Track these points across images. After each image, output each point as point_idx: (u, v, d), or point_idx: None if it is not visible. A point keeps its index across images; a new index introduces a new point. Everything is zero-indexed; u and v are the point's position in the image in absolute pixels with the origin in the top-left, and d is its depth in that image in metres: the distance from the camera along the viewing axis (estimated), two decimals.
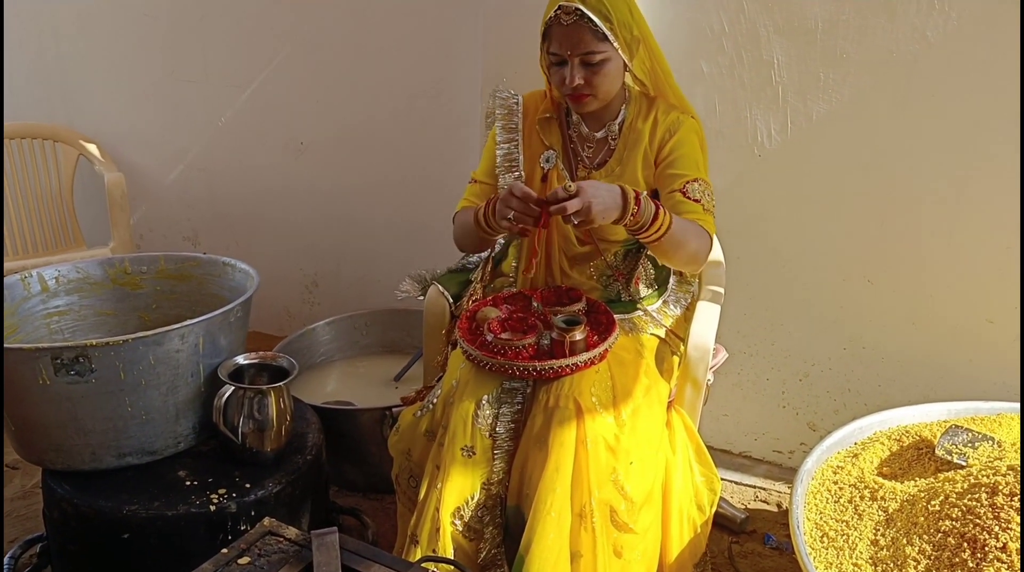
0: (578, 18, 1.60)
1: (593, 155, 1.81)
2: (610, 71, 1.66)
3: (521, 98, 1.87)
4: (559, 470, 1.51)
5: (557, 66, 1.67)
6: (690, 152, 1.73)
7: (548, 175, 1.81)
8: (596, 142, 1.80)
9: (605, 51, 1.63)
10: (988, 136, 1.94)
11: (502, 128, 1.84)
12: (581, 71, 1.64)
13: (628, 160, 1.77)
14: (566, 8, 1.60)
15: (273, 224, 3.03)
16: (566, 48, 1.63)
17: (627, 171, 1.77)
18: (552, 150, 1.81)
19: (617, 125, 1.78)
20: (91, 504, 1.62)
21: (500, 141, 1.84)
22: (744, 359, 2.36)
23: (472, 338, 1.67)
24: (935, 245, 2.07)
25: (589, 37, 1.61)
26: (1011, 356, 2.04)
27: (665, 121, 1.75)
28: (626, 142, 1.78)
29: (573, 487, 1.53)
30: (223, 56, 2.89)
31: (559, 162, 1.81)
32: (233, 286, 1.99)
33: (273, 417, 1.74)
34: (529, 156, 1.83)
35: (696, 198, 1.68)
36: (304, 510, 1.80)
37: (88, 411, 1.62)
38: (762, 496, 2.30)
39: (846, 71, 2.02)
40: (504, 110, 1.85)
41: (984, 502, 1.37)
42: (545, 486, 1.50)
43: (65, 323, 1.97)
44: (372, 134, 2.74)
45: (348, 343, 2.71)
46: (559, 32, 1.63)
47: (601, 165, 1.80)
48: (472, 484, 1.57)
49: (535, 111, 1.84)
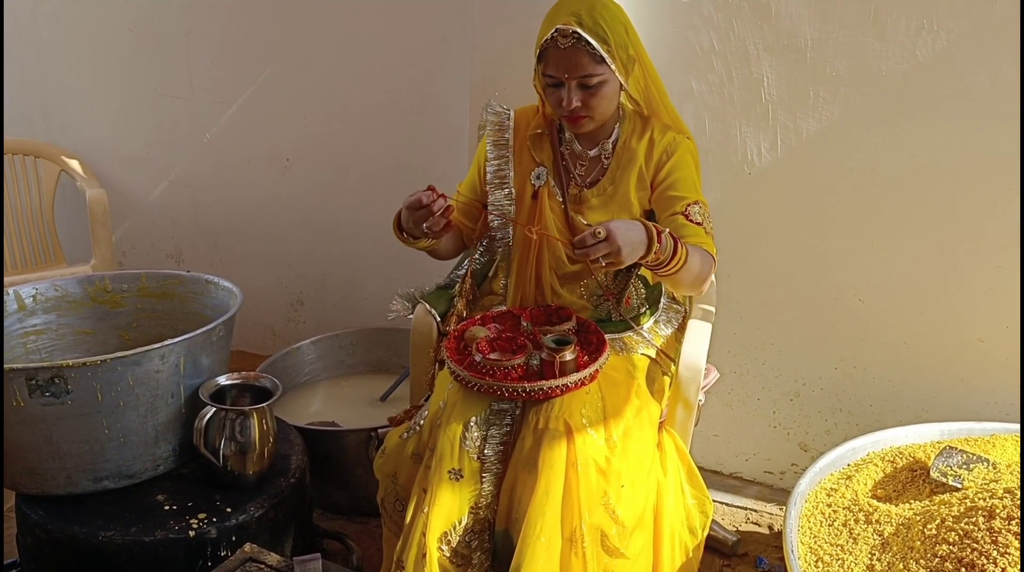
0: (575, 41, 1.58)
1: (585, 173, 1.79)
2: (607, 93, 1.65)
3: (513, 113, 1.84)
4: (549, 493, 1.47)
5: (553, 87, 1.65)
6: (689, 174, 1.72)
7: (539, 192, 1.79)
8: (589, 160, 1.78)
9: (602, 74, 1.62)
10: (979, 154, 1.94)
11: (493, 143, 1.82)
12: (578, 93, 1.63)
13: (621, 180, 1.75)
14: (563, 31, 1.58)
15: (258, 241, 2.99)
16: (563, 71, 1.61)
17: (619, 191, 1.75)
18: (543, 167, 1.79)
19: (611, 144, 1.76)
20: (66, 530, 1.57)
21: (490, 157, 1.82)
22: (734, 378, 2.34)
23: (460, 358, 1.64)
24: (926, 264, 2.06)
25: (587, 60, 1.59)
26: (1003, 375, 2.03)
27: (662, 141, 1.74)
28: (619, 161, 1.76)
29: (563, 511, 1.49)
30: (208, 72, 2.86)
31: (550, 179, 1.79)
32: (216, 304, 1.95)
33: (255, 439, 1.70)
34: (519, 172, 1.81)
35: (698, 221, 1.67)
36: (287, 535, 1.76)
37: (64, 433, 1.57)
38: (753, 518, 2.27)
39: (836, 89, 2.01)
40: (495, 125, 1.83)
41: (981, 526, 1.35)
42: (535, 510, 1.47)
43: (42, 342, 1.93)
44: (359, 151, 2.71)
45: (333, 362, 2.67)
46: (556, 55, 1.61)
47: (593, 183, 1.78)
48: (459, 508, 1.54)
49: (527, 127, 1.82)
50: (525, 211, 1.81)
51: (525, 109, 1.85)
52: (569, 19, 1.58)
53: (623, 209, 1.75)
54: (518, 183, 1.81)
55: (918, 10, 1.89)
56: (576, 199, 1.78)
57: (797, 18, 1.99)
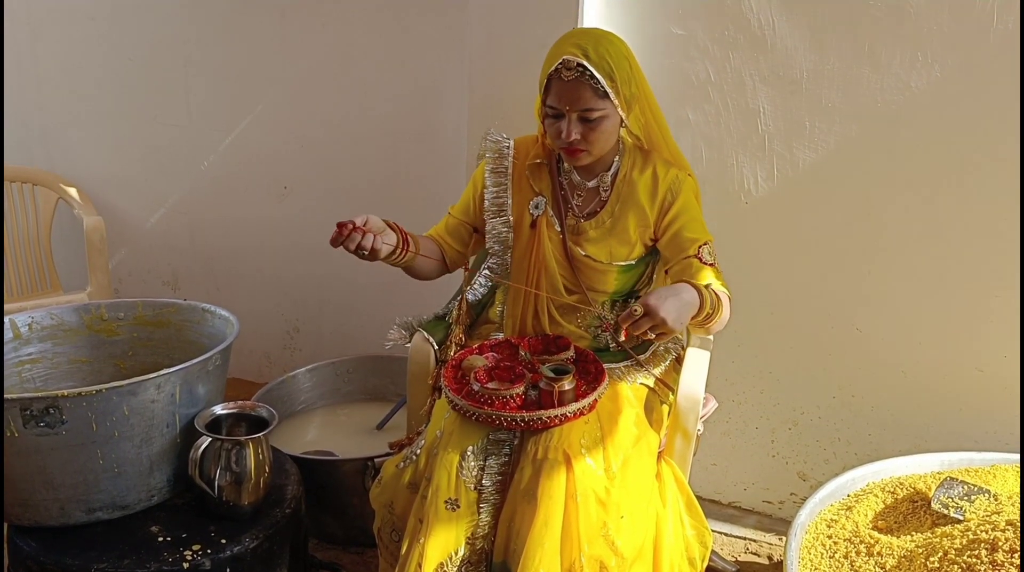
0: (579, 74, 1.58)
1: (583, 204, 1.79)
2: (607, 128, 1.65)
3: (513, 142, 1.85)
4: (548, 525, 1.46)
5: (553, 118, 1.65)
6: (696, 214, 1.75)
7: (537, 221, 1.79)
8: (587, 191, 1.79)
9: (604, 108, 1.62)
10: (974, 185, 1.95)
11: (492, 171, 1.83)
12: (578, 127, 1.63)
13: (621, 214, 1.76)
14: (568, 63, 1.59)
15: (255, 269, 2.99)
16: (565, 103, 1.61)
17: (618, 225, 1.75)
18: (542, 197, 1.80)
19: (610, 176, 1.77)
20: (58, 562, 1.55)
21: (489, 185, 1.83)
22: (732, 407, 2.33)
23: (458, 387, 1.63)
24: (923, 293, 2.06)
25: (589, 94, 1.60)
26: (1001, 405, 2.03)
27: (666, 179, 1.75)
28: (619, 195, 1.76)
29: (562, 542, 1.48)
30: (206, 100, 2.87)
31: (548, 209, 1.79)
32: (212, 333, 1.94)
33: (251, 469, 1.68)
34: (518, 201, 1.81)
35: (711, 262, 1.70)
36: (282, 566, 1.73)
37: (57, 464, 1.55)
38: (752, 548, 2.25)
39: (832, 120, 2.03)
40: (494, 153, 1.84)
41: (984, 559, 1.33)
42: (533, 541, 1.46)
43: (37, 371, 1.91)
44: (356, 178, 2.72)
45: (329, 390, 2.65)
46: (559, 87, 1.61)
47: (591, 215, 1.78)
48: (456, 539, 1.52)
49: (526, 156, 1.83)
50: (523, 240, 1.81)
51: (525, 139, 1.86)
52: (575, 51, 1.58)
53: (621, 243, 1.76)
54: (516, 212, 1.81)
55: (912, 43, 1.92)
56: (574, 230, 1.78)
57: (793, 50, 2.01)
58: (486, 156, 1.85)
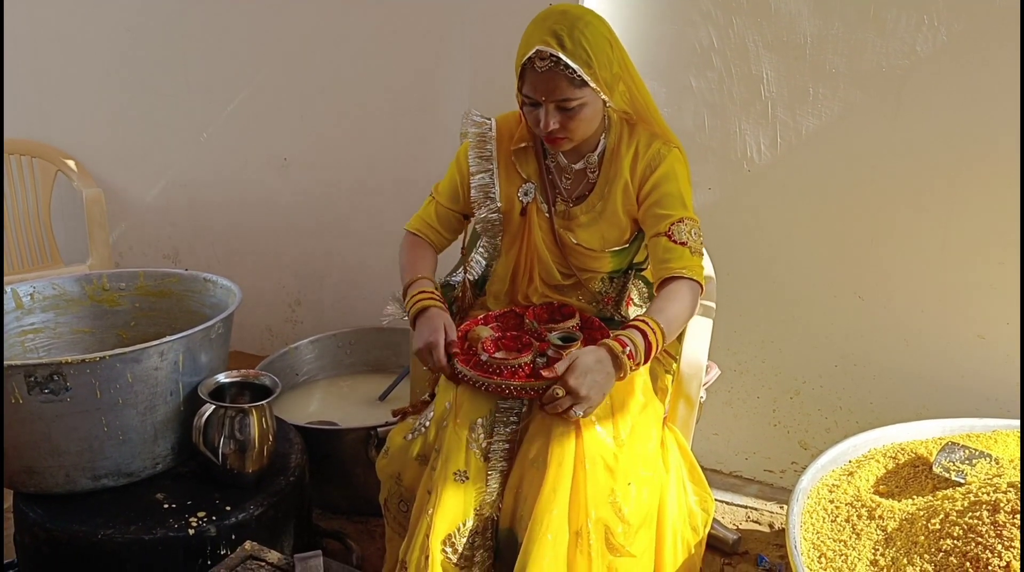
0: (554, 64, 1.50)
1: (572, 187, 1.73)
2: (587, 115, 1.57)
3: (494, 122, 1.76)
4: (556, 491, 1.46)
5: (531, 107, 1.58)
6: (675, 189, 1.64)
7: (527, 208, 1.74)
8: (574, 174, 1.72)
9: (582, 97, 1.54)
10: (979, 151, 1.94)
11: (476, 157, 1.75)
12: (557, 115, 1.56)
13: (609, 195, 1.70)
14: (541, 54, 1.50)
15: (255, 242, 2.98)
16: (540, 94, 1.54)
17: (608, 208, 1.70)
18: (530, 183, 1.74)
19: (596, 155, 1.70)
20: (65, 529, 1.56)
21: (473, 170, 1.75)
22: (734, 377, 2.34)
23: (466, 359, 1.62)
24: (926, 260, 2.05)
25: (565, 84, 1.52)
26: (1003, 372, 2.03)
27: (646, 154, 1.67)
28: (607, 175, 1.70)
29: (570, 508, 1.48)
30: (205, 72, 2.85)
31: (537, 195, 1.74)
32: (214, 303, 1.94)
33: (255, 437, 1.69)
34: (506, 188, 1.74)
35: (682, 241, 1.61)
36: (286, 533, 1.75)
37: (62, 431, 1.56)
38: (754, 516, 2.26)
39: (836, 86, 2.01)
40: (476, 137, 1.76)
41: (986, 520, 1.34)
42: (542, 507, 1.46)
43: (40, 341, 1.92)
44: (356, 150, 2.70)
45: (331, 362, 2.66)
46: (533, 77, 1.53)
47: (580, 198, 1.73)
48: (465, 510, 1.52)
49: (509, 137, 1.75)
50: (514, 227, 1.76)
51: (507, 117, 1.78)
52: (549, 40, 1.50)
53: (612, 226, 1.71)
54: (505, 199, 1.75)
55: (918, 6, 1.89)
56: (565, 215, 1.73)
57: (796, 14, 1.99)
58: (469, 139, 1.77)
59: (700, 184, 2.21)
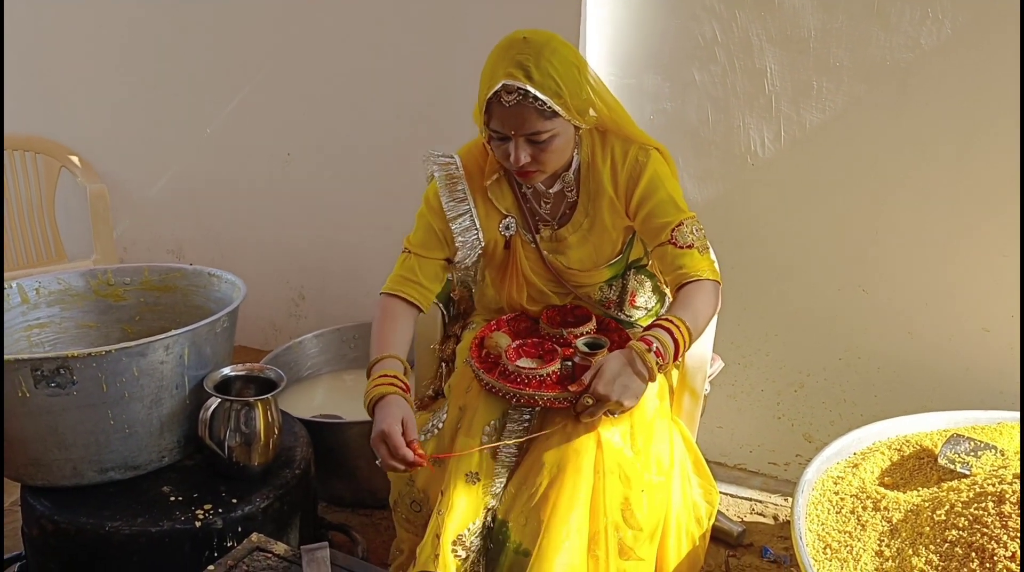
0: (522, 98, 1.43)
1: (552, 211, 1.68)
2: (558, 146, 1.51)
3: (459, 161, 1.67)
4: (574, 499, 1.47)
5: (500, 141, 1.51)
6: (664, 194, 1.59)
7: (511, 242, 1.69)
8: (553, 196, 1.66)
9: (553, 128, 1.48)
10: (983, 144, 1.94)
11: (451, 199, 1.65)
12: (527, 148, 1.49)
13: (595, 211, 1.65)
14: (508, 88, 1.43)
15: (259, 236, 2.98)
16: (509, 128, 1.47)
17: (596, 223, 1.66)
18: (511, 217, 1.67)
19: (572, 174, 1.63)
20: (72, 521, 1.57)
21: (451, 215, 1.65)
22: (738, 370, 2.34)
23: (489, 368, 1.61)
24: (930, 253, 2.06)
25: (534, 117, 1.45)
26: (1007, 365, 2.03)
27: (625, 165, 1.61)
28: (588, 191, 1.64)
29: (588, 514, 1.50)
30: (208, 65, 2.85)
31: (519, 227, 1.69)
32: (219, 297, 1.94)
33: (260, 430, 1.69)
34: (486, 226, 1.67)
35: (688, 243, 1.57)
36: (292, 526, 1.75)
37: (69, 424, 1.57)
38: (758, 509, 2.27)
39: (839, 80, 2.01)
40: (446, 179, 1.66)
41: (991, 511, 1.34)
42: (560, 515, 1.46)
43: (46, 336, 1.92)
44: (360, 144, 2.70)
45: (336, 356, 2.66)
46: (501, 112, 1.46)
47: (564, 220, 1.68)
48: (475, 511, 1.53)
49: (480, 172, 1.66)
50: (498, 261, 1.72)
51: (470, 152, 1.70)
52: (515, 72, 1.43)
53: (604, 241, 1.67)
54: (487, 238, 1.68)
55: None
56: (552, 239, 1.69)
57: (800, 8, 1.99)
58: (439, 183, 1.66)
59: (703, 178, 2.22)
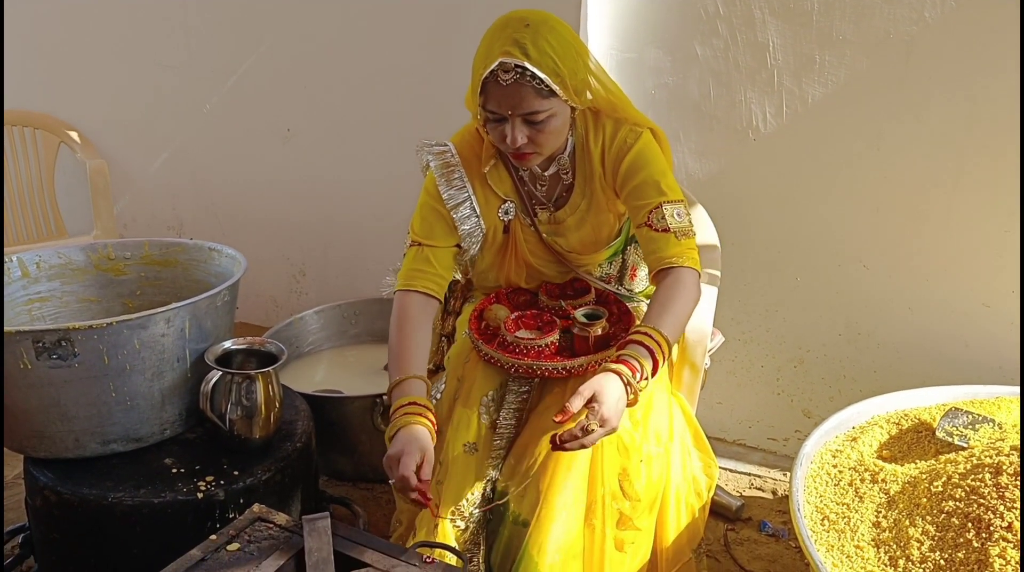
0: (519, 76, 1.41)
1: (549, 193, 1.66)
2: (555, 127, 1.49)
3: (454, 149, 1.64)
4: (572, 469, 1.48)
5: (495, 122, 1.48)
6: (646, 175, 1.55)
7: (510, 226, 1.67)
8: (549, 178, 1.65)
9: (550, 108, 1.45)
10: (986, 118, 1.93)
11: (449, 188, 1.62)
12: (524, 129, 1.46)
13: (591, 193, 1.64)
14: (505, 66, 1.41)
15: (259, 213, 2.98)
16: (506, 108, 1.45)
17: (592, 204, 1.65)
18: (510, 202, 1.65)
19: (567, 155, 1.61)
20: (75, 492, 1.58)
21: (452, 204, 1.62)
22: (738, 346, 2.34)
23: (488, 339, 1.61)
24: (931, 229, 2.05)
25: (532, 96, 1.43)
26: (1008, 340, 2.03)
27: (613, 145, 1.58)
28: (583, 173, 1.63)
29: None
30: (207, 41, 2.83)
31: (518, 211, 1.67)
32: (219, 272, 1.94)
33: (261, 403, 1.70)
34: (486, 213, 1.64)
35: (663, 227, 1.52)
36: (294, 498, 1.76)
37: (71, 396, 1.57)
38: (757, 483, 2.28)
39: (842, 53, 2.00)
40: (443, 168, 1.63)
41: (988, 482, 1.35)
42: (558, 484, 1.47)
43: (47, 310, 1.93)
44: (360, 120, 2.69)
45: (336, 332, 2.67)
46: (498, 92, 1.43)
47: (561, 202, 1.66)
48: (472, 481, 1.54)
49: (477, 159, 1.64)
50: (497, 245, 1.70)
51: (464, 139, 1.67)
52: (512, 50, 1.40)
53: (602, 223, 1.66)
54: (487, 224, 1.65)
55: None
56: (551, 222, 1.68)
57: None
58: (436, 173, 1.64)
59: (704, 153, 2.21)
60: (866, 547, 1.40)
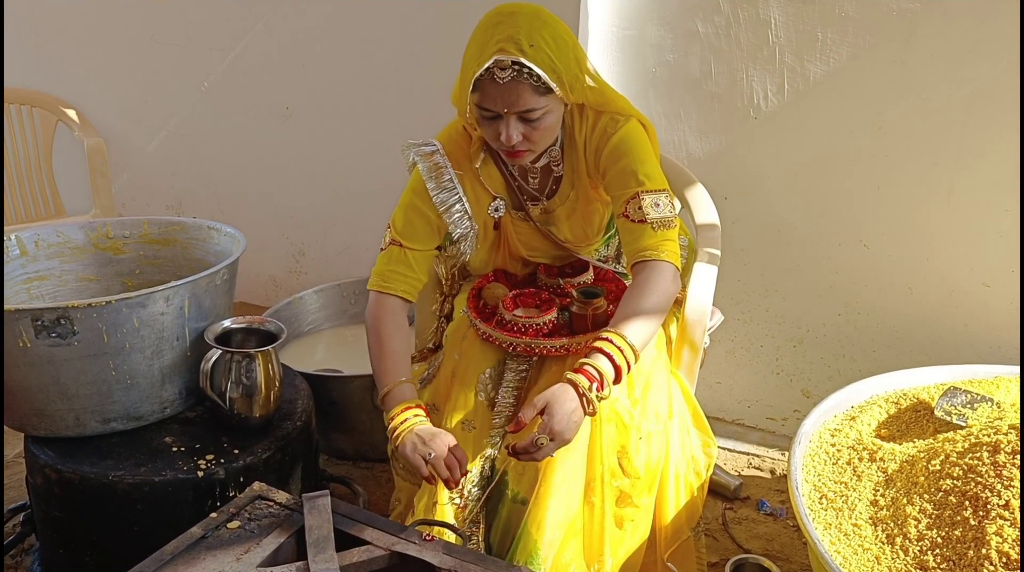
0: (516, 73, 1.39)
1: (540, 186, 1.65)
2: (550, 124, 1.48)
3: (440, 147, 1.61)
4: (570, 447, 1.48)
5: (489, 120, 1.46)
6: (624, 165, 1.53)
7: (500, 222, 1.66)
8: (540, 171, 1.63)
9: (546, 105, 1.44)
10: (988, 97, 1.91)
11: (439, 190, 1.59)
12: (519, 127, 1.45)
13: (579, 183, 1.63)
14: (502, 63, 1.38)
15: (258, 192, 2.97)
16: (502, 106, 1.42)
17: (581, 195, 1.64)
18: (500, 199, 1.64)
19: (558, 148, 1.60)
20: (75, 470, 1.58)
21: (443, 208, 1.60)
22: (738, 325, 2.34)
23: (486, 317, 1.61)
24: (932, 209, 2.04)
25: (529, 94, 1.41)
26: (1007, 320, 2.03)
27: (594, 134, 1.57)
28: (572, 164, 1.62)
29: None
30: (205, 19, 2.81)
31: (509, 207, 1.66)
32: (218, 251, 1.94)
33: (261, 382, 1.70)
34: (476, 211, 1.63)
35: (640, 218, 1.49)
36: (294, 477, 1.77)
37: (71, 375, 1.57)
38: (755, 463, 2.29)
39: (845, 31, 1.98)
40: (431, 169, 1.60)
41: (986, 460, 1.35)
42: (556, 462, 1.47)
43: (46, 288, 1.93)
44: (359, 99, 2.67)
45: (336, 312, 2.67)
46: (494, 89, 1.41)
47: (552, 194, 1.65)
48: (470, 460, 1.55)
49: (464, 156, 1.61)
50: (489, 242, 1.69)
51: (450, 137, 1.63)
52: (507, 46, 1.38)
53: (591, 211, 1.66)
54: (478, 222, 1.64)
55: None
56: (545, 211, 1.67)
57: None
58: (424, 173, 1.60)
59: (705, 131, 2.20)
60: (864, 525, 1.41)
